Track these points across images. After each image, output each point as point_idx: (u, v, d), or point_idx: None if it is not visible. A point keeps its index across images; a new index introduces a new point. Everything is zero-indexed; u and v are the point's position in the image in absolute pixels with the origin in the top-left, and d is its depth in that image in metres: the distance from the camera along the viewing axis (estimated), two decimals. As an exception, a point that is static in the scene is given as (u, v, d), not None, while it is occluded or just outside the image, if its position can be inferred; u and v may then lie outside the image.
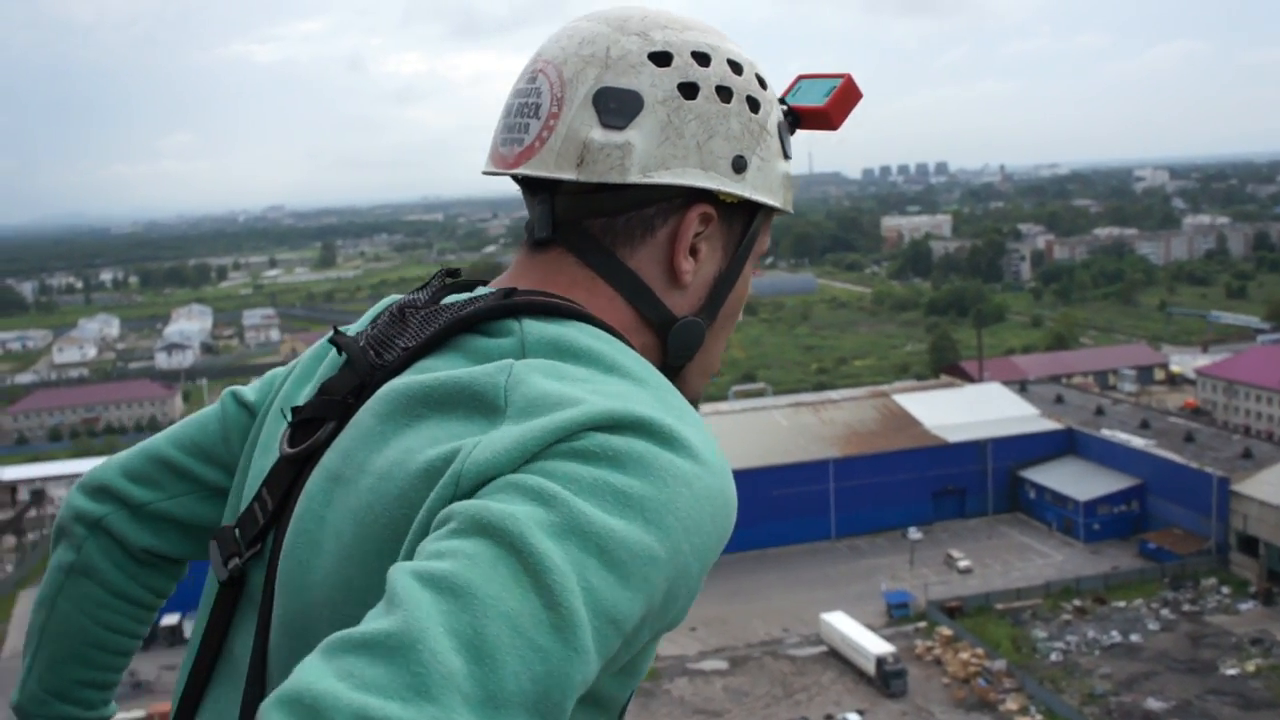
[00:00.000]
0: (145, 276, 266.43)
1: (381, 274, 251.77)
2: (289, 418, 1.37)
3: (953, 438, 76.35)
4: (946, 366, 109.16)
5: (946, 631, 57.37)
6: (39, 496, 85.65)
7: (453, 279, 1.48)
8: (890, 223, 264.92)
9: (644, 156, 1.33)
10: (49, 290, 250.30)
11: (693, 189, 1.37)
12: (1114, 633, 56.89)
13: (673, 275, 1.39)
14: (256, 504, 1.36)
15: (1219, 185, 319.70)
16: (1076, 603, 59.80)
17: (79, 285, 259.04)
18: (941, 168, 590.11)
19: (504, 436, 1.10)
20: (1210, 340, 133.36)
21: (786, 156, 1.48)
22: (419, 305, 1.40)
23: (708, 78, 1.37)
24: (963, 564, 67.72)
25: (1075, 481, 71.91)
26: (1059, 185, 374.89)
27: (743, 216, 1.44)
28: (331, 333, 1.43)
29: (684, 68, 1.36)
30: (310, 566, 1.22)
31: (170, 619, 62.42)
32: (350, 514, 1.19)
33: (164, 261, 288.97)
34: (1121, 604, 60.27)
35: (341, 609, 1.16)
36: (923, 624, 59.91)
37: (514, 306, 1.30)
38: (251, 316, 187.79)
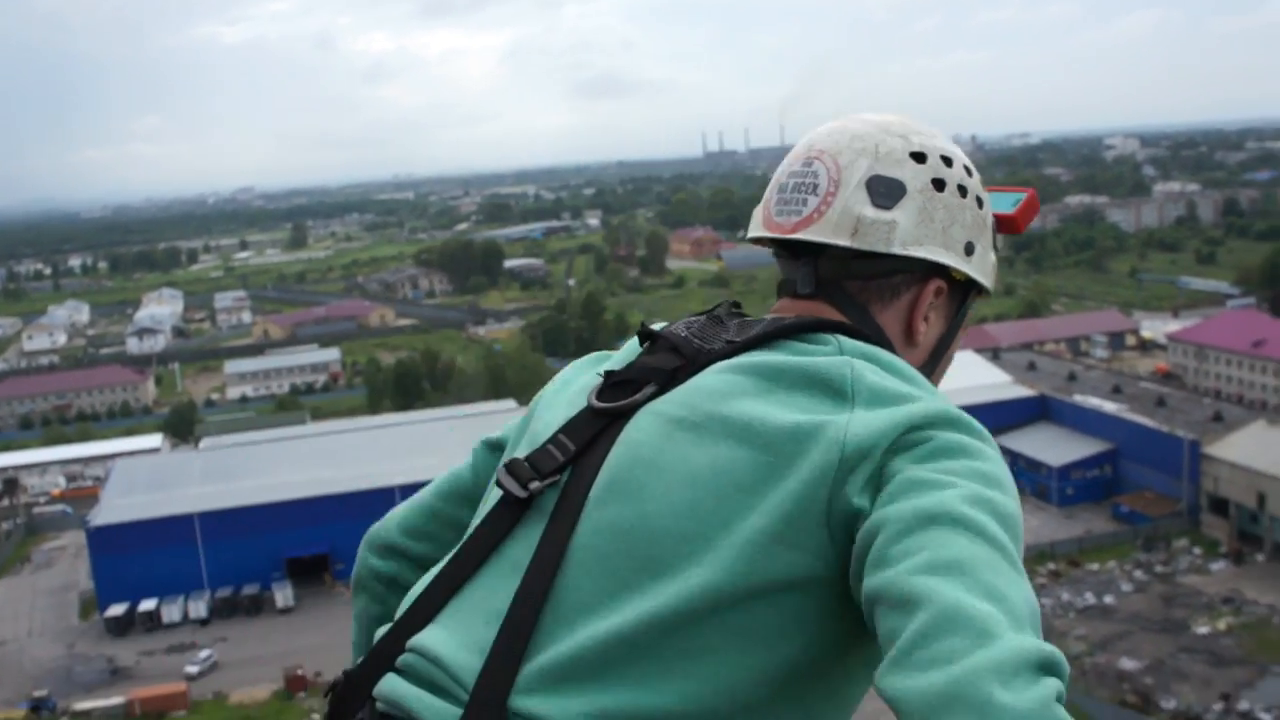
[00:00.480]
0: (115, 261, 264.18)
1: (353, 254, 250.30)
2: (600, 378, 1.66)
3: (926, 405, 76.45)
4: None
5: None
6: (11, 485, 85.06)
7: (737, 308, 1.75)
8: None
9: (904, 233, 1.65)
10: (17, 277, 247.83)
11: (933, 265, 1.68)
12: (1088, 595, 57.34)
13: (909, 334, 1.71)
14: (552, 445, 1.57)
15: (1189, 153, 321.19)
16: (1051, 566, 60.21)
17: (47, 272, 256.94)
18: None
19: (873, 419, 1.39)
20: (1180, 306, 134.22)
21: (996, 249, 1.81)
22: (728, 316, 1.70)
23: (952, 176, 1.70)
24: (937, 530, 68.01)
25: (1048, 447, 72.34)
26: (1030, 154, 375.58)
27: (960, 294, 1.76)
28: (640, 328, 1.73)
29: (936, 166, 1.69)
30: (647, 484, 1.46)
31: (148, 604, 62.24)
32: (705, 452, 1.45)
33: (133, 246, 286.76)
34: (1095, 566, 60.75)
35: (680, 521, 1.41)
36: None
37: (827, 324, 1.60)
38: (223, 299, 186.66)
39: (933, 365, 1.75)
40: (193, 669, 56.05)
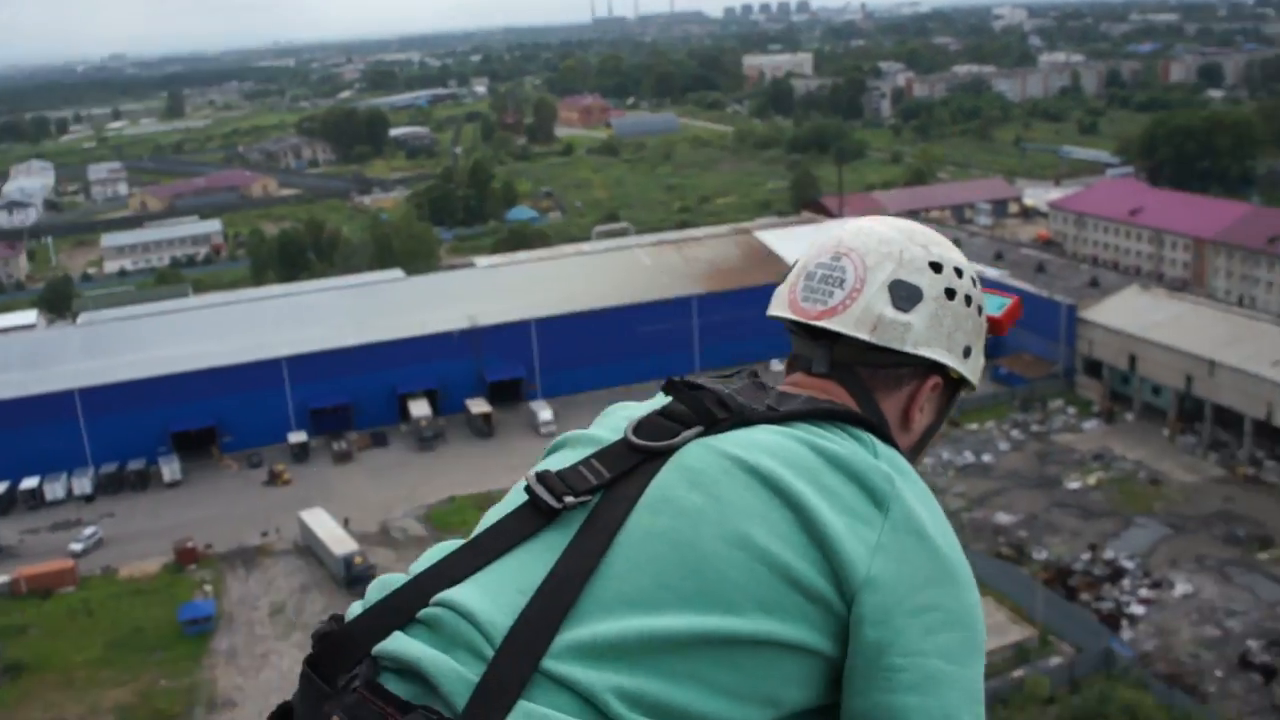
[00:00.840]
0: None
1: (233, 123, 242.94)
2: (633, 416, 1.82)
3: (814, 272, 77.31)
4: (808, 203, 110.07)
5: (808, 459, 59.00)
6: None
7: (757, 377, 1.95)
8: (752, 61, 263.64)
9: (916, 334, 1.89)
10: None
11: (936, 363, 1.94)
12: (967, 453, 59.20)
13: (905, 420, 1.96)
14: (585, 468, 1.71)
15: (1075, 24, 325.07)
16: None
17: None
18: (803, 6, 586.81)
19: (897, 562, 1.63)
20: (1062, 174, 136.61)
21: (985, 352, 2.05)
22: (764, 384, 1.91)
23: (961, 287, 1.95)
24: (824, 394, 69.46)
25: (931, 312, 73.70)
26: (919, 23, 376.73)
27: (950, 389, 2.01)
28: (681, 381, 1.87)
29: (950, 277, 1.94)
30: (704, 508, 1.63)
31: (30, 482, 61.19)
32: (759, 498, 1.64)
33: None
34: (975, 426, 62.58)
35: (733, 550, 1.59)
36: (785, 452, 61.53)
37: (858, 417, 1.83)
38: (97, 171, 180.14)
39: (918, 450, 2.00)
40: (77, 546, 55.32)
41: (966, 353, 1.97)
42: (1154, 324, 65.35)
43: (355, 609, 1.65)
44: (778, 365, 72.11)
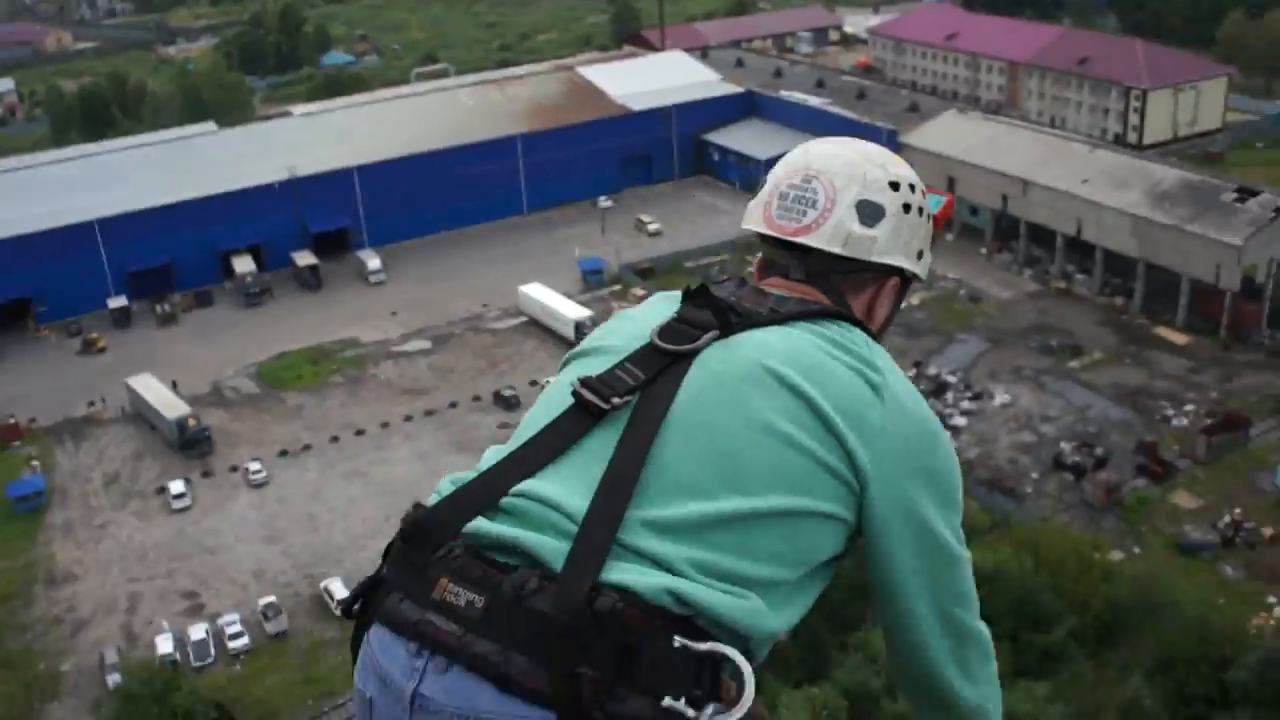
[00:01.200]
0: None
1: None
2: (658, 322, 2.08)
3: (638, 106, 76.93)
4: (629, 36, 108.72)
5: (639, 292, 59.50)
6: None
7: (746, 284, 2.25)
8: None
9: (880, 246, 2.23)
10: None
11: (894, 266, 2.28)
12: (794, 280, 60.44)
13: (869, 315, 2.30)
14: (621, 372, 1.98)
15: None
16: (759, 255, 62.83)
17: None
18: None
19: (898, 433, 1.98)
20: (881, 1, 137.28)
21: (931, 250, 2.42)
22: (761, 290, 2.23)
23: (915, 200, 2.29)
24: (652, 228, 69.84)
25: (756, 141, 74.28)
26: None
27: (903, 284, 2.36)
28: (693, 289, 2.15)
29: (906, 193, 2.27)
30: (733, 403, 1.92)
31: None
32: (776, 390, 1.94)
33: None
34: (801, 253, 63.83)
35: (765, 436, 1.89)
36: (617, 287, 62.10)
37: (842, 314, 2.15)
38: None
39: (880, 333, 2.32)
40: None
41: (919, 255, 2.31)
42: (971, 147, 67.08)
43: (434, 498, 1.90)
44: (605, 202, 72.39)
